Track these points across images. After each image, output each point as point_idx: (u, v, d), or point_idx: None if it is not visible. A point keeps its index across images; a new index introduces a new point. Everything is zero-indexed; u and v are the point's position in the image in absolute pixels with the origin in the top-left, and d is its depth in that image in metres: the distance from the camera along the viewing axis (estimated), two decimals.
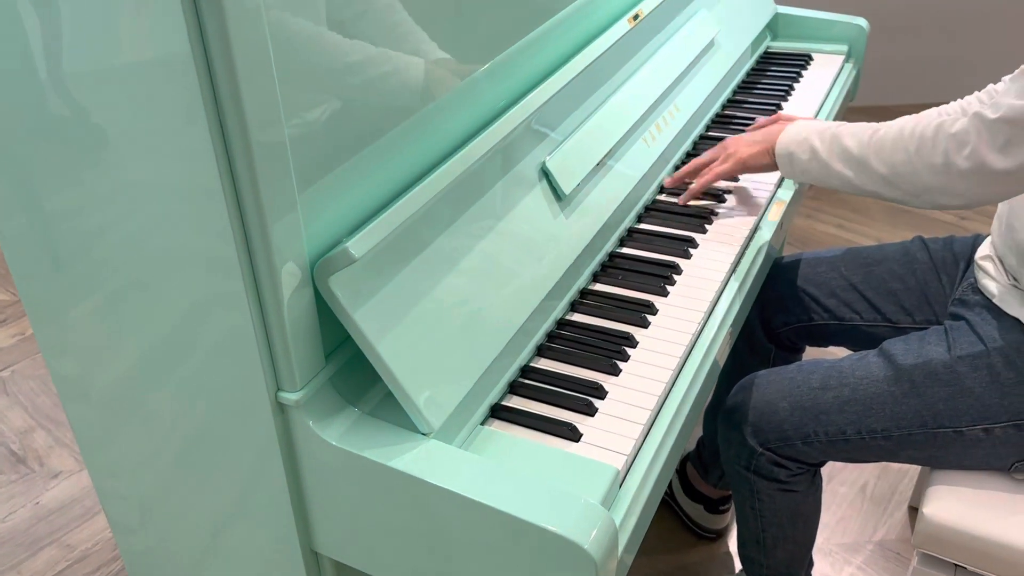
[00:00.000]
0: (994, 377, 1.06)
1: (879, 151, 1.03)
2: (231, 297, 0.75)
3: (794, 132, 1.14)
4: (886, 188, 1.04)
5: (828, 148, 1.09)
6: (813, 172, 1.12)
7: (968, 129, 0.94)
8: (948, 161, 0.96)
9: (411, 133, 0.87)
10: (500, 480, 0.76)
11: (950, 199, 0.99)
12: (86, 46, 0.69)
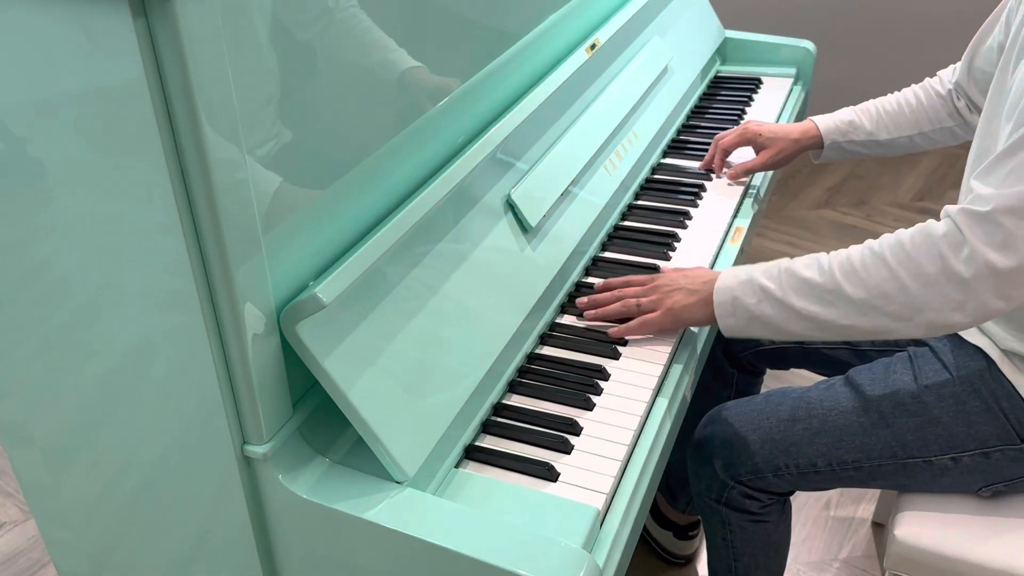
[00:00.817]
0: (960, 406, 1.07)
1: (849, 273, 0.89)
2: (193, 346, 0.71)
3: (732, 276, 0.97)
4: (865, 317, 0.89)
5: (781, 284, 0.93)
6: (765, 316, 0.93)
7: (957, 228, 0.85)
8: (946, 267, 0.84)
9: (374, 170, 0.84)
10: (481, 529, 0.74)
11: (951, 315, 0.85)
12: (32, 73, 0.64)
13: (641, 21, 1.44)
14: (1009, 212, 0.83)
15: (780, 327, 0.94)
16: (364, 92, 0.82)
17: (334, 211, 0.79)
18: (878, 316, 0.89)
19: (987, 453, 1.06)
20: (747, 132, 1.39)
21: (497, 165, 1.02)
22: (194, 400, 0.75)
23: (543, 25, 1.16)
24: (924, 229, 0.89)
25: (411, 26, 0.87)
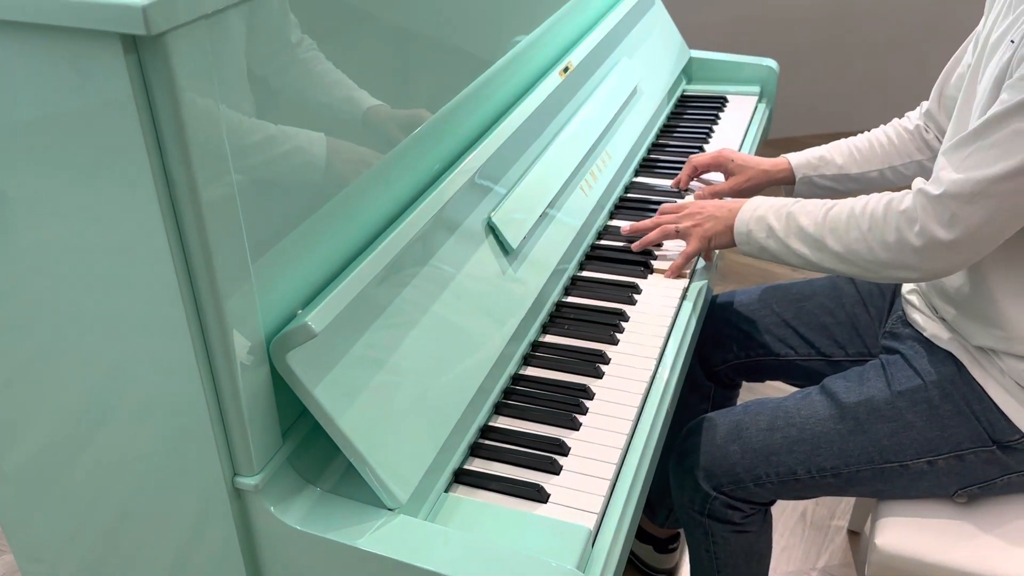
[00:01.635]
0: (933, 410, 1.10)
1: (834, 230, 1.06)
2: (181, 377, 0.71)
3: (751, 210, 1.14)
4: (843, 265, 1.06)
5: (785, 227, 1.10)
6: (771, 249, 1.12)
7: (915, 206, 0.98)
8: (900, 238, 0.99)
9: (359, 198, 0.84)
10: (476, 554, 0.74)
11: (906, 273, 1.02)
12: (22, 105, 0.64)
13: (610, 43, 1.47)
14: (955, 197, 0.94)
15: (780, 258, 1.12)
16: (345, 121, 0.82)
17: (320, 239, 0.79)
18: (852, 266, 1.06)
19: (961, 456, 1.09)
20: (721, 156, 1.41)
21: (478, 189, 1.03)
22: (182, 431, 0.74)
23: (516, 49, 1.17)
24: (893, 201, 1.02)
25: (389, 57, 0.88)
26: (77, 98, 0.59)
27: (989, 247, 0.97)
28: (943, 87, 1.26)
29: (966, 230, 0.95)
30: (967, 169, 0.93)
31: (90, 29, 0.55)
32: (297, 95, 0.75)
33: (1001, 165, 0.91)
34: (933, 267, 1.00)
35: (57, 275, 0.72)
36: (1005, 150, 0.91)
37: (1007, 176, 0.91)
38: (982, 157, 0.92)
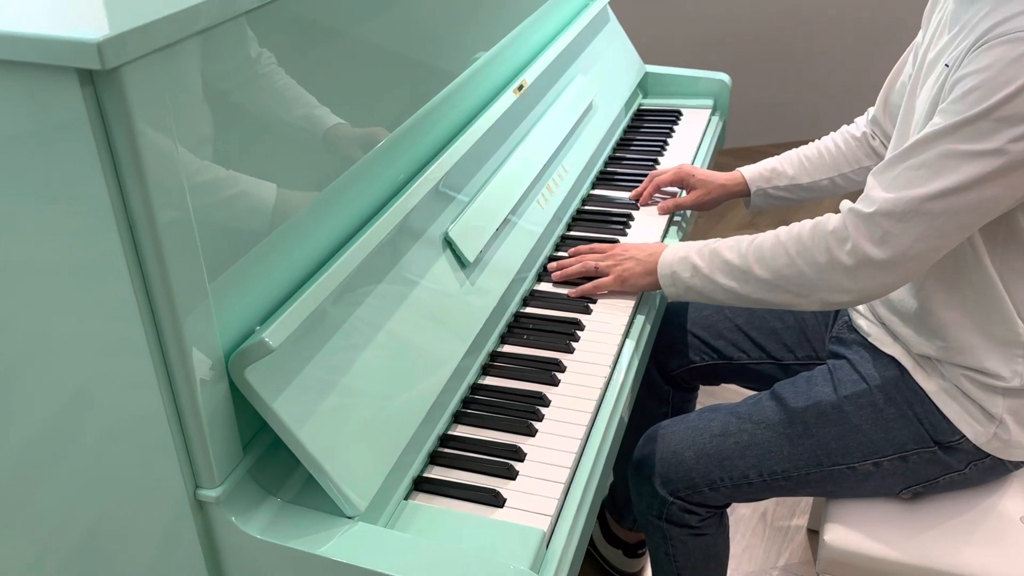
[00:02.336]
0: (878, 413, 1.14)
1: (760, 258, 1.06)
2: (142, 394, 0.73)
3: (672, 252, 1.16)
4: (772, 293, 1.06)
5: (709, 263, 1.11)
6: (697, 287, 1.12)
7: (845, 225, 0.99)
8: (832, 258, 1.00)
9: (315, 216, 0.87)
10: (433, 558, 0.77)
11: (838, 296, 1.02)
12: None
13: (566, 60, 1.51)
14: (887, 215, 0.97)
15: (709, 296, 1.13)
16: (304, 141, 0.85)
17: (278, 257, 0.82)
18: (782, 293, 1.06)
19: (905, 457, 1.14)
20: (681, 172, 1.46)
21: (434, 205, 1.06)
22: (145, 447, 0.76)
23: (473, 67, 1.21)
24: (819, 223, 1.03)
25: (346, 76, 0.91)
26: (37, 129, 0.62)
27: (921, 268, 0.99)
28: (888, 94, 1.32)
29: (898, 248, 0.97)
30: (898, 188, 0.96)
31: (48, 64, 0.58)
32: (254, 117, 0.77)
33: (932, 185, 0.94)
34: (865, 287, 1.00)
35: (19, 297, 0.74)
36: (935, 170, 0.94)
37: (937, 195, 0.94)
38: (912, 176, 0.96)
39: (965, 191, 0.93)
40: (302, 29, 0.82)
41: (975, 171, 0.92)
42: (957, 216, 0.95)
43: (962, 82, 0.93)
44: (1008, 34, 0.90)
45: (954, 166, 0.93)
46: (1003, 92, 0.89)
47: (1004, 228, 1.02)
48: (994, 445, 1.11)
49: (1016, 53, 0.89)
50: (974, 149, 0.92)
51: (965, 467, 1.14)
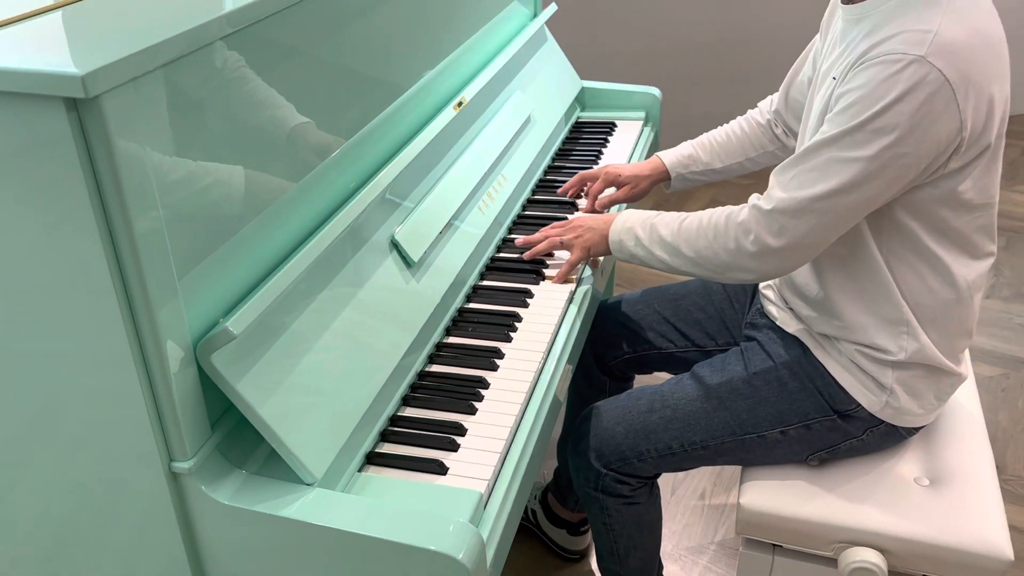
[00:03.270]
0: (783, 387, 1.28)
1: (687, 239, 1.22)
2: (122, 379, 0.84)
3: (621, 222, 1.31)
4: (695, 268, 1.23)
5: (648, 236, 1.27)
6: (639, 256, 1.29)
7: (751, 219, 1.15)
8: (739, 246, 1.16)
9: (273, 219, 0.99)
10: (380, 514, 0.88)
11: (746, 275, 1.19)
12: None
13: (504, 78, 1.64)
14: (783, 212, 1.11)
15: (647, 262, 1.29)
16: (260, 155, 0.96)
17: (240, 255, 0.93)
18: (702, 269, 1.22)
19: (808, 425, 1.27)
20: (608, 175, 1.60)
21: (381, 211, 1.18)
22: (124, 425, 0.87)
23: (416, 87, 1.33)
24: (732, 214, 1.18)
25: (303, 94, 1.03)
26: (26, 148, 0.73)
27: (812, 253, 1.14)
28: (788, 88, 1.46)
29: (792, 239, 1.12)
30: (792, 189, 1.11)
31: (38, 94, 0.69)
32: (216, 134, 0.89)
33: (820, 186, 1.08)
34: (765, 270, 1.17)
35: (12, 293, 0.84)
36: (823, 174, 1.08)
37: (824, 196, 1.08)
38: (804, 179, 1.10)
39: (847, 191, 1.07)
40: (261, 54, 0.94)
41: (855, 174, 1.06)
42: (841, 212, 1.09)
43: (844, 97, 1.07)
44: (880, 56, 1.04)
45: (837, 170, 1.07)
46: (876, 107, 1.03)
47: (887, 222, 1.16)
48: (887, 412, 1.25)
49: (886, 73, 1.03)
50: (854, 156, 1.06)
51: (862, 433, 1.28)
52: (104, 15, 0.87)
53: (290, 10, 0.96)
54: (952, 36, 1.02)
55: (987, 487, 1.29)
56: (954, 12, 1.04)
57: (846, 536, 1.24)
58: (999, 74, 1.07)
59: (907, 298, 1.19)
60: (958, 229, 1.15)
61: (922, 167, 1.06)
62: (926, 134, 1.03)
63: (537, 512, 1.80)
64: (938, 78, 1.01)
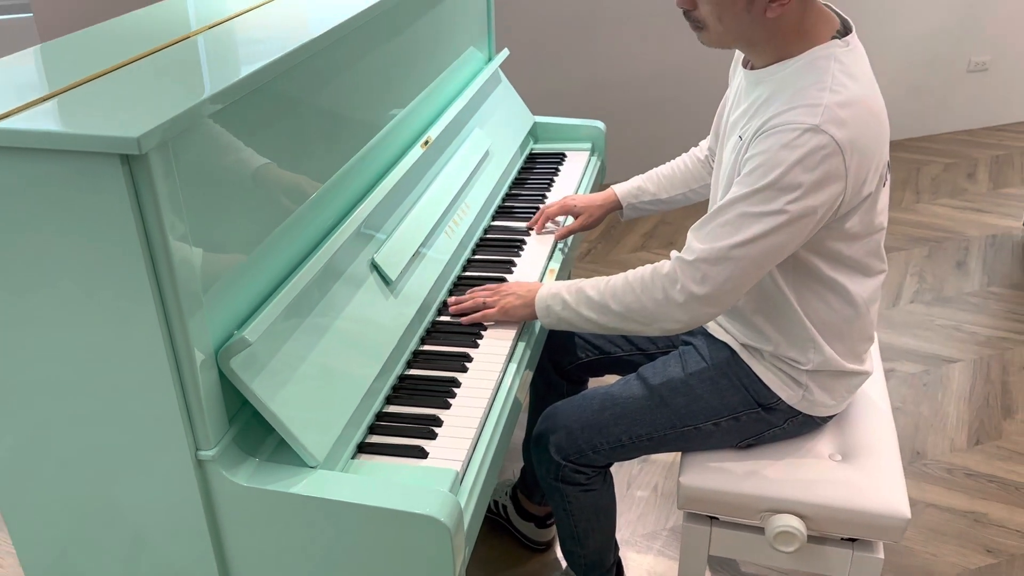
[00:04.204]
0: (715, 385, 1.48)
1: (614, 295, 1.33)
2: (158, 381, 1.01)
3: (547, 289, 1.43)
4: (624, 323, 1.33)
5: (575, 298, 1.37)
6: (567, 318, 1.39)
7: (675, 270, 1.27)
8: (666, 295, 1.27)
9: (275, 246, 1.17)
10: (374, 488, 1.06)
11: (672, 324, 1.29)
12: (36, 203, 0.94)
13: (464, 117, 1.84)
14: (704, 261, 1.25)
15: (575, 324, 1.41)
16: (264, 190, 1.15)
17: (250, 277, 1.11)
18: (631, 323, 1.34)
19: (737, 417, 1.47)
20: (566, 204, 1.80)
21: (362, 236, 1.37)
22: (159, 419, 1.04)
23: (390, 125, 1.53)
24: (657, 268, 1.31)
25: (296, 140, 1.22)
26: (86, 194, 0.91)
27: (733, 299, 1.29)
28: (716, 128, 1.67)
29: (713, 286, 1.26)
30: (710, 241, 1.27)
31: (101, 152, 0.87)
32: (231, 179, 1.07)
33: (735, 237, 1.24)
34: (693, 317, 1.29)
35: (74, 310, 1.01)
36: (736, 227, 1.24)
37: (739, 244, 1.24)
38: (720, 232, 1.26)
39: (759, 240, 1.23)
40: (261, 113, 1.12)
41: (764, 227, 1.22)
42: (755, 259, 1.25)
43: (751, 160, 1.24)
44: (780, 126, 1.21)
45: (750, 223, 1.23)
46: (780, 169, 1.20)
47: (791, 259, 1.33)
48: (803, 404, 1.46)
49: (784, 141, 1.20)
50: (761, 211, 1.22)
51: (784, 423, 1.48)
52: (127, 89, 1.06)
53: (287, 73, 1.16)
54: (838, 107, 1.20)
55: (890, 460, 1.50)
56: (839, 86, 1.22)
57: (771, 506, 1.45)
58: (879, 134, 1.26)
59: (811, 320, 1.37)
60: (851, 256, 1.34)
61: (819, 216, 1.23)
62: (823, 190, 1.20)
63: (508, 508, 1.98)
64: (830, 143, 1.18)
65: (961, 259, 3.16)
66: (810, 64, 1.25)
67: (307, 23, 1.30)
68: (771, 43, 1.28)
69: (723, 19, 1.25)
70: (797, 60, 1.26)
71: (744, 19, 1.24)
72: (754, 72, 1.32)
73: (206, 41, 1.24)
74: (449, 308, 1.53)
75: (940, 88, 4.13)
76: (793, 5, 1.22)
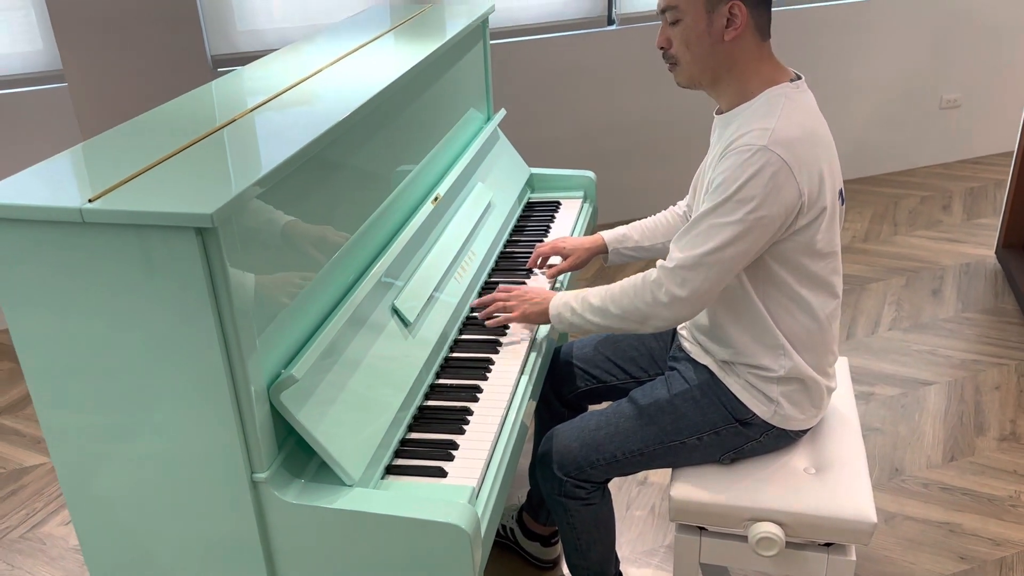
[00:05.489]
0: (696, 403, 1.67)
1: (613, 300, 1.56)
2: (221, 413, 1.20)
3: (559, 298, 1.66)
4: (622, 323, 1.56)
5: (581, 305, 1.61)
6: (575, 322, 1.63)
7: (660, 277, 1.49)
8: (654, 298, 1.50)
9: (312, 293, 1.37)
10: (402, 501, 1.24)
11: (661, 322, 1.52)
12: (122, 270, 1.14)
13: (468, 173, 2.05)
14: (682, 267, 1.48)
15: (582, 328, 1.63)
16: (304, 246, 1.34)
17: (292, 321, 1.30)
18: (628, 323, 1.56)
19: (718, 432, 1.66)
20: (556, 245, 2.00)
21: (383, 285, 1.56)
22: (222, 445, 1.22)
23: (399, 187, 1.73)
24: (646, 276, 1.54)
25: (329, 204, 1.42)
26: (165, 261, 1.10)
27: (709, 299, 1.51)
28: (694, 187, 1.88)
29: (692, 288, 1.49)
30: (687, 250, 1.50)
31: (179, 226, 1.07)
32: (279, 239, 1.27)
33: (706, 245, 1.47)
34: (675, 315, 1.51)
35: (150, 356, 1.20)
36: (707, 236, 1.47)
37: (710, 251, 1.47)
38: (694, 241, 1.49)
39: (726, 247, 1.46)
40: (301, 181, 1.33)
41: (729, 234, 1.45)
42: (725, 263, 1.47)
43: (715, 179, 1.48)
44: (737, 147, 1.45)
45: (716, 232, 1.46)
46: (736, 184, 1.43)
47: (762, 272, 1.56)
48: (776, 419, 1.64)
49: (741, 159, 1.44)
50: (726, 220, 1.45)
51: (760, 436, 1.66)
52: (192, 171, 1.26)
53: (322, 148, 1.36)
54: (785, 131, 1.43)
55: (858, 472, 1.68)
56: (786, 115, 1.46)
57: (753, 515, 1.62)
58: (824, 157, 1.49)
59: (781, 328, 1.59)
60: (816, 273, 1.55)
61: (777, 225, 1.45)
62: (775, 200, 1.42)
63: (515, 530, 2.15)
64: (778, 160, 1.41)
65: (936, 287, 3.35)
66: (766, 101, 1.49)
67: (335, 102, 1.51)
68: (732, 77, 1.52)
69: (691, 47, 1.50)
70: (757, 99, 1.50)
71: (706, 43, 1.49)
72: (722, 116, 1.54)
73: (246, 125, 1.45)
74: (476, 313, 1.79)
75: (915, 124, 4.36)
76: (747, 34, 1.48)
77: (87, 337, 1.20)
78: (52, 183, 1.20)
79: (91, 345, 1.21)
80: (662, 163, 3.89)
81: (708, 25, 1.47)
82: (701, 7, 1.47)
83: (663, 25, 1.54)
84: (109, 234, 1.11)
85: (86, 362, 1.23)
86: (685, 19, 1.49)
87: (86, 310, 1.18)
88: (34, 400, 1.29)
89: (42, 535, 2.32)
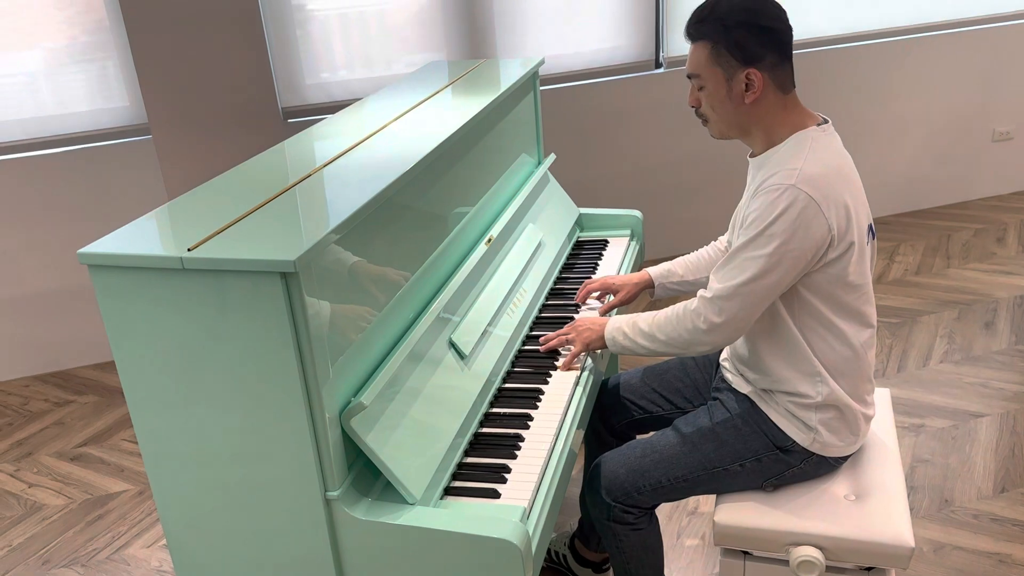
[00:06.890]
0: (738, 432, 1.75)
1: (660, 327, 1.68)
2: (299, 437, 1.34)
3: (612, 323, 1.78)
4: (668, 348, 1.68)
5: (632, 330, 1.74)
6: (628, 346, 1.76)
7: (699, 306, 1.61)
8: (694, 325, 1.61)
9: (377, 327, 1.51)
10: (460, 518, 1.36)
11: (703, 347, 1.63)
12: (217, 314, 1.30)
13: (519, 215, 2.19)
14: (720, 297, 1.59)
15: (634, 351, 1.76)
16: (370, 285, 1.49)
17: (360, 353, 1.45)
18: (673, 347, 1.68)
19: (759, 459, 1.74)
20: (605, 282, 2.12)
21: (441, 320, 1.70)
22: (298, 466, 1.36)
23: (456, 229, 1.87)
24: (687, 305, 1.66)
25: (391, 245, 1.56)
26: (252, 301, 1.26)
27: (745, 326, 1.62)
28: (733, 223, 1.99)
29: (729, 316, 1.60)
30: (724, 281, 1.61)
31: (266, 272, 1.22)
32: (349, 280, 1.41)
33: (741, 277, 1.58)
34: (715, 340, 1.64)
35: (239, 387, 1.35)
36: (741, 269, 1.59)
37: (745, 282, 1.57)
38: (730, 274, 1.60)
39: (759, 278, 1.56)
40: (370, 227, 1.48)
41: (761, 266, 1.55)
42: (759, 294, 1.58)
43: (749, 215, 1.59)
44: (767, 187, 1.56)
45: (750, 265, 1.57)
46: (768, 220, 1.54)
47: (797, 301, 1.65)
48: (815, 446, 1.72)
49: (771, 198, 1.54)
50: (758, 254, 1.56)
51: (800, 463, 1.74)
52: (275, 222, 1.42)
53: (388, 197, 1.51)
54: (812, 170, 1.54)
55: (896, 499, 1.73)
56: (812, 154, 1.56)
57: (794, 539, 1.69)
58: (849, 191, 1.58)
59: (817, 356, 1.66)
60: (849, 303, 1.63)
61: (808, 258, 1.55)
62: (805, 235, 1.52)
63: (568, 556, 2.24)
64: (805, 197, 1.51)
65: (990, 320, 3.35)
66: (794, 144, 1.60)
67: (401, 155, 1.66)
68: (760, 130, 1.64)
69: (716, 109, 1.63)
70: (786, 143, 1.61)
71: (729, 107, 1.61)
72: (755, 159, 1.65)
73: (317, 181, 1.61)
74: (541, 348, 1.93)
75: (967, 157, 4.37)
76: (768, 93, 1.58)
77: (182, 369, 1.36)
78: (153, 235, 1.38)
79: (185, 377, 1.37)
80: (706, 200, 3.99)
81: (728, 91, 1.60)
82: (721, 76, 1.59)
83: (692, 88, 1.67)
84: (205, 279, 1.27)
85: (181, 393, 1.39)
86: (708, 86, 1.62)
87: (182, 345, 1.34)
88: (135, 427, 1.46)
89: (127, 556, 2.50)
